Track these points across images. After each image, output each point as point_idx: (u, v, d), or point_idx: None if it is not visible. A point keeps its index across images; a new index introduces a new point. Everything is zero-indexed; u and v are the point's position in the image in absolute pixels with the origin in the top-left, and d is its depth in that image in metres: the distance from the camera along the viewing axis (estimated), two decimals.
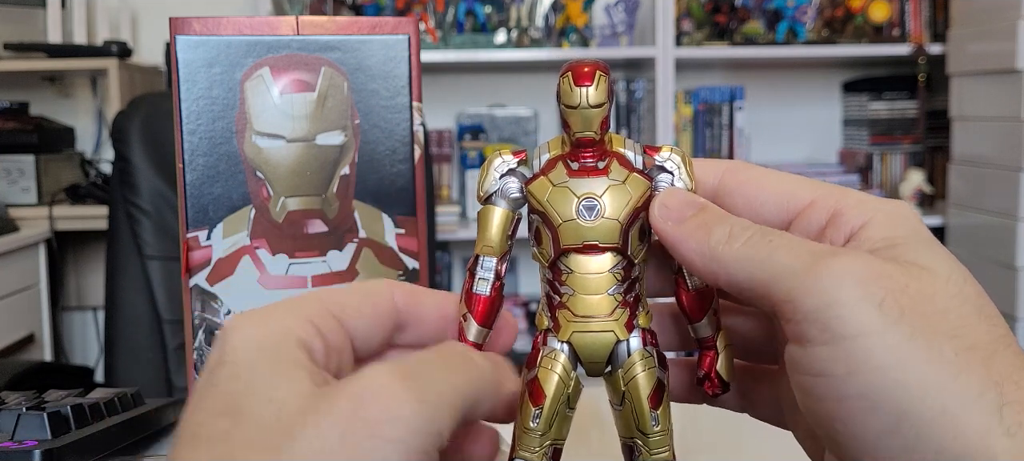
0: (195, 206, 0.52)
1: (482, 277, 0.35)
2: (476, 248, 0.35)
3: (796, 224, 0.33)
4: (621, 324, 0.34)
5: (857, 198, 0.33)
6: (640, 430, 0.34)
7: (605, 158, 0.34)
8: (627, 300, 0.34)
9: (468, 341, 0.35)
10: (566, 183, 0.33)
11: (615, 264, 0.34)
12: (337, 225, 0.53)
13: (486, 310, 0.35)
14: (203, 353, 0.53)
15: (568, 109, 0.32)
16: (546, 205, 0.33)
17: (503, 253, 0.35)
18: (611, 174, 0.33)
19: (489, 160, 0.35)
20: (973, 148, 2.23)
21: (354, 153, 0.52)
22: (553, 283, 0.34)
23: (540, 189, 0.34)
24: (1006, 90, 2.05)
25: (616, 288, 0.34)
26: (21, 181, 2.27)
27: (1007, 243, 2.07)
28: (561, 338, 0.34)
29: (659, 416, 0.34)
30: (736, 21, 2.44)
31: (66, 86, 2.59)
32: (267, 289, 0.52)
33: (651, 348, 0.34)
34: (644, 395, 0.34)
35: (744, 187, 0.34)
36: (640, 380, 0.34)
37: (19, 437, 0.53)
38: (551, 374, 0.34)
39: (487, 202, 0.35)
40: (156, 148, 1.39)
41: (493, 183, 0.35)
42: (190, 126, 0.51)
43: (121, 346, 1.39)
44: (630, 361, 0.34)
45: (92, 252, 2.54)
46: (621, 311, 0.34)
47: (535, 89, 2.66)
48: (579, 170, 0.34)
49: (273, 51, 0.51)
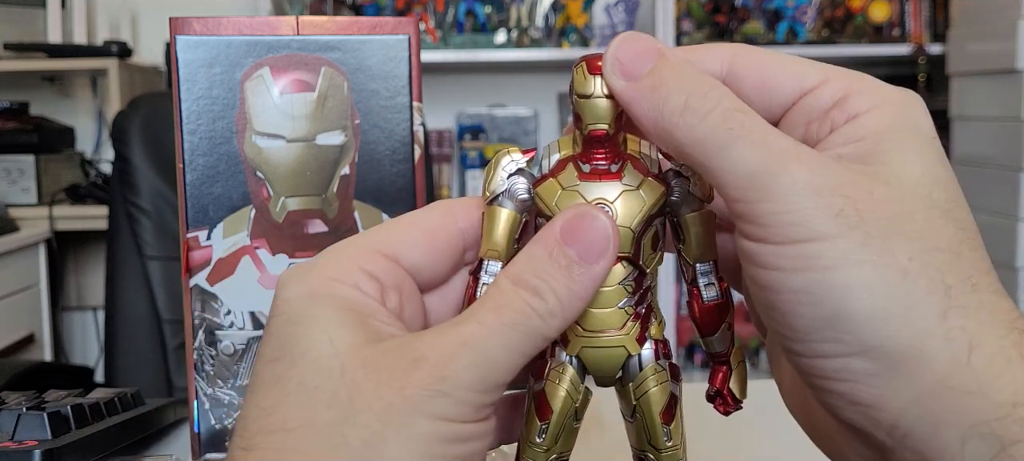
0: (195, 206, 0.52)
1: (486, 282, 0.33)
2: (481, 251, 0.33)
3: (804, 101, 0.32)
4: (632, 338, 0.32)
5: (870, 84, 0.31)
6: (652, 445, 0.33)
7: (619, 160, 0.32)
8: (639, 312, 0.33)
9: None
10: (577, 187, 0.32)
11: (626, 275, 0.32)
12: (337, 225, 0.53)
13: None
14: (203, 353, 0.53)
15: (581, 99, 0.31)
16: (555, 210, 0.32)
17: (509, 257, 0.33)
18: (624, 178, 0.32)
19: (497, 158, 0.34)
20: (973, 148, 2.23)
21: (354, 153, 0.52)
22: None
23: (549, 192, 0.32)
24: (1006, 90, 2.05)
25: (627, 301, 0.32)
26: (21, 181, 2.27)
27: (1007, 243, 2.07)
28: (569, 353, 0.33)
29: (671, 431, 0.33)
30: (736, 21, 2.44)
31: (66, 86, 2.59)
32: (267, 289, 0.52)
33: (664, 361, 0.33)
34: (657, 411, 0.33)
35: (754, 69, 0.32)
36: (653, 395, 0.33)
37: (19, 437, 0.53)
38: (558, 389, 0.33)
39: (493, 202, 0.33)
40: (156, 148, 1.39)
41: (501, 183, 0.33)
42: (190, 126, 0.51)
43: (121, 346, 1.39)
44: (642, 375, 0.33)
45: (92, 252, 2.54)
46: (632, 324, 0.32)
47: (535, 89, 2.66)
48: (591, 173, 0.32)
49: (273, 51, 0.51)
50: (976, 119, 2.22)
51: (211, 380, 0.53)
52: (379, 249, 0.31)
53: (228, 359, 0.53)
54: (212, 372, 0.53)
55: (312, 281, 0.30)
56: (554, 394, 0.33)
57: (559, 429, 0.33)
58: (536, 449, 0.33)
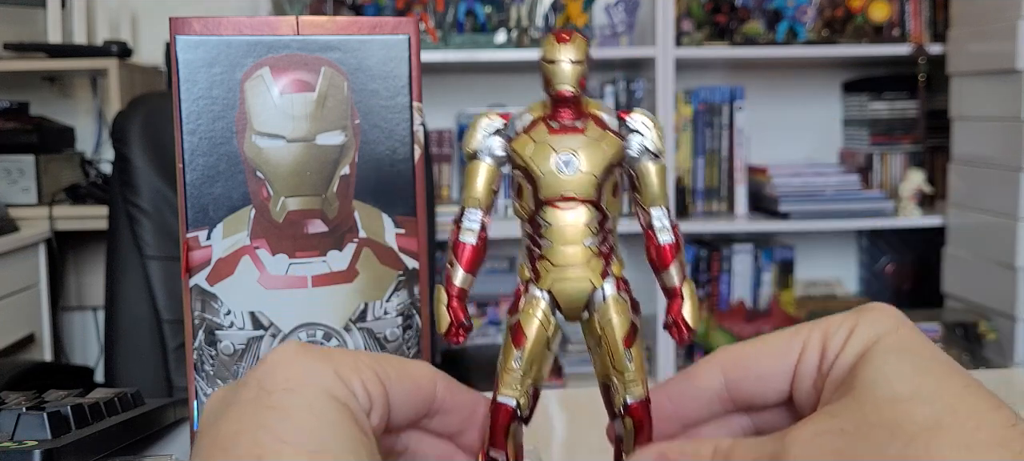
0: (195, 206, 0.52)
1: (468, 227, 0.38)
2: (463, 201, 0.38)
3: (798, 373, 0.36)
4: (596, 273, 0.37)
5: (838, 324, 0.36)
6: (615, 368, 0.37)
7: (582, 118, 0.37)
8: (602, 251, 0.37)
9: (454, 287, 0.37)
10: (546, 140, 0.36)
11: (590, 217, 0.36)
12: (337, 225, 0.53)
13: (472, 258, 0.38)
14: (203, 353, 0.53)
15: (549, 64, 0.36)
16: (528, 160, 0.36)
17: (488, 206, 0.38)
18: (587, 133, 0.36)
19: (476, 120, 0.38)
20: (973, 148, 2.23)
21: (354, 153, 0.52)
22: (533, 236, 0.37)
23: (522, 146, 0.37)
24: (1006, 90, 2.05)
25: (591, 240, 0.36)
26: (21, 181, 2.27)
27: (1007, 243, 2.07)
28: (541, 287, 0.37)
29: (633, 355, 0.37)
30: (736, 21, 2.44)
31: (66, 86, 2.58)
32: (267, 289, 0.52)
33: (624, 294, 0.37)
34: (619, 336, 0.37)
35: (746, 374, 0.37)
36: (615, 323, 0.37)
37: (19, 437, 0.53)
38: (532, 319, 0.37)
39: (474, 158, 0.38)
40: (156, 148, 1.39)
41: (480, 141, 0.38)
42: (190, 126, 0.51)
43: (121, 346, 1.39)
44: (605, 306, 0.37)
45: (92, 252, 2.54)
46: (596, 261, 0.37)
47: (535, 89, 2.61)
48: (558, 129, 0.36)
49: (273, 51, 0.51)
50: (976, 119, 2.22)
51: (211, 380, 0.53)
52: (378, 373, 0.34)
53: (228, 359, 0.53)
54: (212, 372, 0.53)
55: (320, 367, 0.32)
56: (528, 323, 0.37)
57: (533, 356, 0.37)
58: (513, 375, 0.37)
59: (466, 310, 0.38)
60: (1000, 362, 2.14)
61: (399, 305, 0.54)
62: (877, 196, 2.48)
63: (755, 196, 2.54)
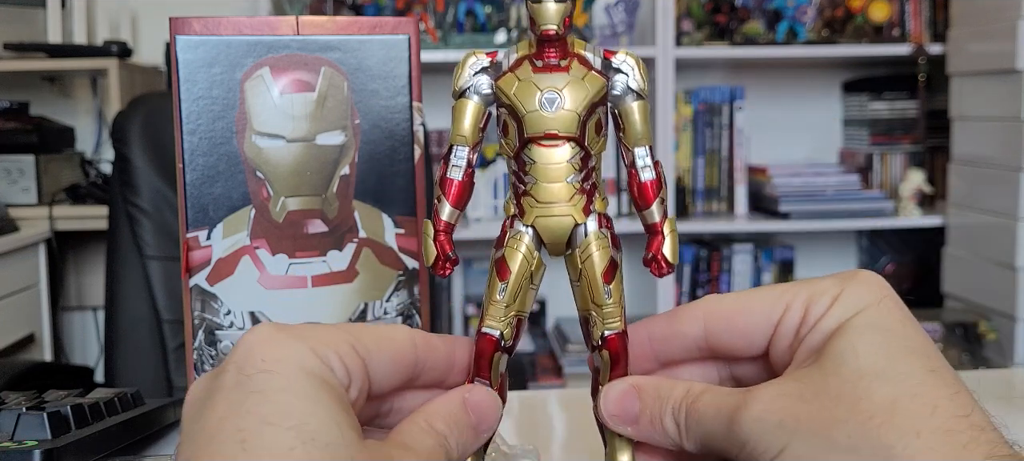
0: (195, 206, 0.52)
1: (455, 164, 0.39)
2: (450, 138, 0.39)
3: (779, 330, 0.37)
4: (579, 209, 0.38)
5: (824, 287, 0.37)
6: (595, 302, 0.38)
7: (567, 57, 0.37)
8: (584, 187, 0.38)
9: (441, 221, 0.38)
10: (531, 78, 0.37)
11: (573, 155, 0.37)
12: (337, 225, 0.53)
13: (459, 193, 0.39)
14: (203, 353, 0.53)
15: (534, 4, 0.36)
16: (513, 98, 0.37)
17: (475, 143, 0.39)
18: (571, 71, 0.37)
19: (463, 59, 0.39)
20: (973, 148, 2.23)
21: (354, 153, 0.53)
22: (518, 173, 0.38)
23: (507, 83, 0.37)
24: (1006, 90, 2.05)
25: (574, 177, 0.37)
26: (21, 181, 2.27)
27: (1007, 243, 2.07)
28: (526, 222, 0.38)
29: (611, 289, 0.38)
30: (736, 21, 2.44)
31: (66, 86, 2.58)
32: (267, 289, 0.52)
33: (605, 230, 0.38)
34: (599, 271, 0.38)
35: (726, 327, 0.38)
36: (595, 257, 0.38)
37: (19, 437, 0.53)
38: (516, 253, 0.38)
39: (462, 96, 0.39)
40: (156, 148, 1.39)
41: (467, 80, 0.39)
42: (190, 126, 0.51)
43: (121, 346, 1.39)
44: (586, 241, 0.38)
45: (92, 252, 2.54)
46: (579, 197, 0.38)
47: None
48: (543, 67, 0.37)
49: (273, 51, 0.51)
50: (976, 119, 2.22)
51: None
52: (355, 346, 0.34)
53: None
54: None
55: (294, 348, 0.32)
56: (513, 257, 0.38)
57: (517, 288, 0.38)
58: (497, 306, 0.38)
59: (452, 244, 0.39)
60: (1000, 362, 2.14)
61: (399, 305, 0.54)
62: (877, 196, 2.48)
63: (755, 196, 2.54)
